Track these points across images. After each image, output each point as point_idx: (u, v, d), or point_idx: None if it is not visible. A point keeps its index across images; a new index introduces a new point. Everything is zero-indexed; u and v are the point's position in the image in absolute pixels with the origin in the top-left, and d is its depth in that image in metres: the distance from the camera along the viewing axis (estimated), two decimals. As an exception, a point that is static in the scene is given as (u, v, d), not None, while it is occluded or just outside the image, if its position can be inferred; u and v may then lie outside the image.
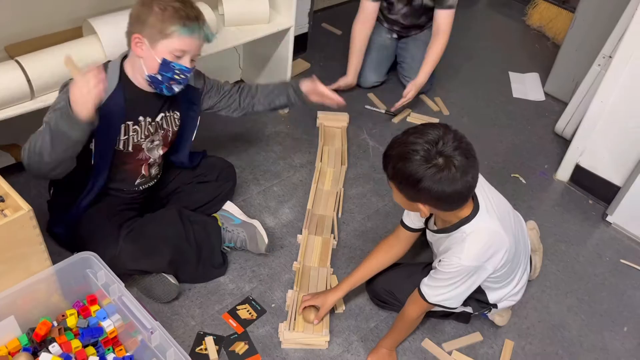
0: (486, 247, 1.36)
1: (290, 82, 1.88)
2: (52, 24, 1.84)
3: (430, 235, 1.51)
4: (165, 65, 1.46)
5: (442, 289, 1.40)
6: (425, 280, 1.44)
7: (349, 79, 2.53)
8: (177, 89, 1.53)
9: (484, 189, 1.42)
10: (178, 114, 1.68)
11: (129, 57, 1.53)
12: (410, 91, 2.41)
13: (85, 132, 1.37)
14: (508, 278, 1.52)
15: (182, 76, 1.50)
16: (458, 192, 1.24)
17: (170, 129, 1.68)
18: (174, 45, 1.45)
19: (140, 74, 1.51)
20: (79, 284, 1.47)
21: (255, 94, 1.85)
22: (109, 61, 1.56)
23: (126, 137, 1.57)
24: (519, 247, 1.49)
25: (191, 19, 1.44)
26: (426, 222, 1.53)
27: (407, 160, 1.23)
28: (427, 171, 1.21)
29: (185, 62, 1.48)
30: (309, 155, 2.26)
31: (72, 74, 1.34)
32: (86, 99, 1.29)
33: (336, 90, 2.44)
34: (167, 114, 1.65)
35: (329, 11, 3.13)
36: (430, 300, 1.43)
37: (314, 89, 1.83)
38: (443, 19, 2.35)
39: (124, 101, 1.52)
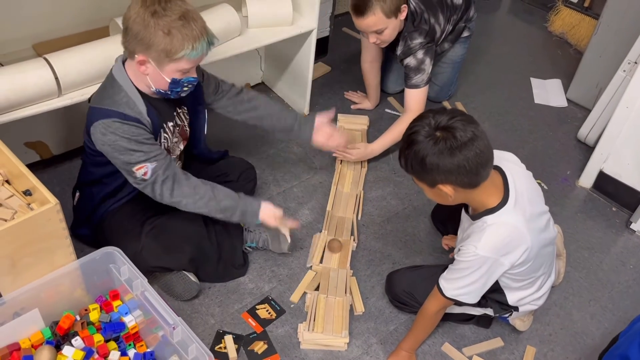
0: (504, 242, 1.35)
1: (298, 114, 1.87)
2: (79, 23, 1.87)
3: (463, 214, 1.51)
4: (174, 83, 1.45)
5: (459, 281, 1.39)
6: (444, 274, 1.44)
7: (370, 106, 2.53)
8: (184, 94, 1.53)
9: (522, 184, 1.40)
10: (186, 108, 1.68)
11: (131, 68, 1.46)
12: (359, 150, 2.14)
13: None
14: (528, 279, 1.49)
15: (190, 86, 1.50)
16: (467, 159, 1.24)
17: (184, 123, 1.69)
18: (183, 66, 1.41)
19: (146, 84, 1.47)
20: (102, 279, 1.48)
21: (258, 106, 1.80)
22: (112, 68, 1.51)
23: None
24: (543, 251, 1.46)
25: (197, 38, 1.37)
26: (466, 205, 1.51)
27: (411, 143, 1.28)
28: (426, 145, 1.25)
29: (193, 73, 1.46)
30: (328, 158, 2.26)
31: (281, 224, 1.66)
32: (271, 224, 1.64)
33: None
34: (179, 111, 1.65)
35: (349, 16, 3.13)
36: (447, 294, 1.42)
37: (324, 123, 1.84)
38: (409, 97, 2.14)
39: (155, 113, 1.52)
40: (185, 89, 1.49)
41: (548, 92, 2.78)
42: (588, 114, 2.42)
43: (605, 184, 2.20)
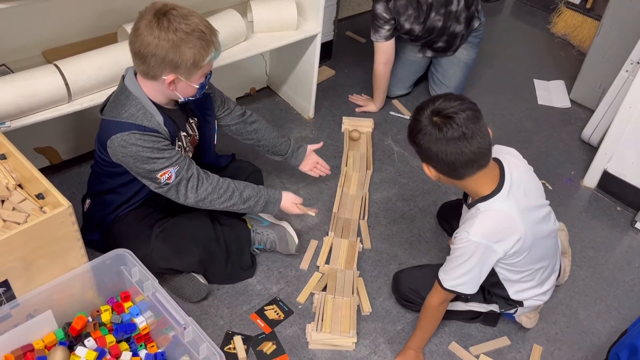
0: (496, 229, 1.36)
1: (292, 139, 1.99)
2: (88, 29, 1.90)
3: (463, 206, 1.54)
4: (201, 87, 1.50)
5: (455, 270, 1.41)
6: (442, 266, 1.46)
7: (374, 109, 2.55)
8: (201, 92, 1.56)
9: (520, 177, 1.42)
10: (196, 119, 1.71)
11: (146, 83, 1.47)
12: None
13: None
14: (526, 271, 1.50)
15: (207, 82, 1.54)
16: (445, 153, 1.28)
17: (195, 134, 1.72)
18: (208, 69, 1.47)
19: (166, 95, 1.50)
20: (113, 281, 1.50)
21: (259, 129, 1.88)
22: (123, 76, 1.52)
23: None
24: (541, 243, 1.47)
25: (216, 42, 1.43)
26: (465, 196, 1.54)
27: (414, 117, 1.34)
28: (422, 124, 1.30)
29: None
30: (334, 160, 2.28)
31: (302, 210, 1.76)
32: (292, 212, 1.76)
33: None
34: (190, 122, 1.69)
35: (352, 20, 3.16)
36: (445, 285, 1.43)
37: (312, 153, 1.99)
38: None
39: (172, 124, 1.55)
40: (206, 86, 1.54)
41: (551, 93, 2.80)
42: (591, 115, 2.44)
43: (610, 183, 2.21)
